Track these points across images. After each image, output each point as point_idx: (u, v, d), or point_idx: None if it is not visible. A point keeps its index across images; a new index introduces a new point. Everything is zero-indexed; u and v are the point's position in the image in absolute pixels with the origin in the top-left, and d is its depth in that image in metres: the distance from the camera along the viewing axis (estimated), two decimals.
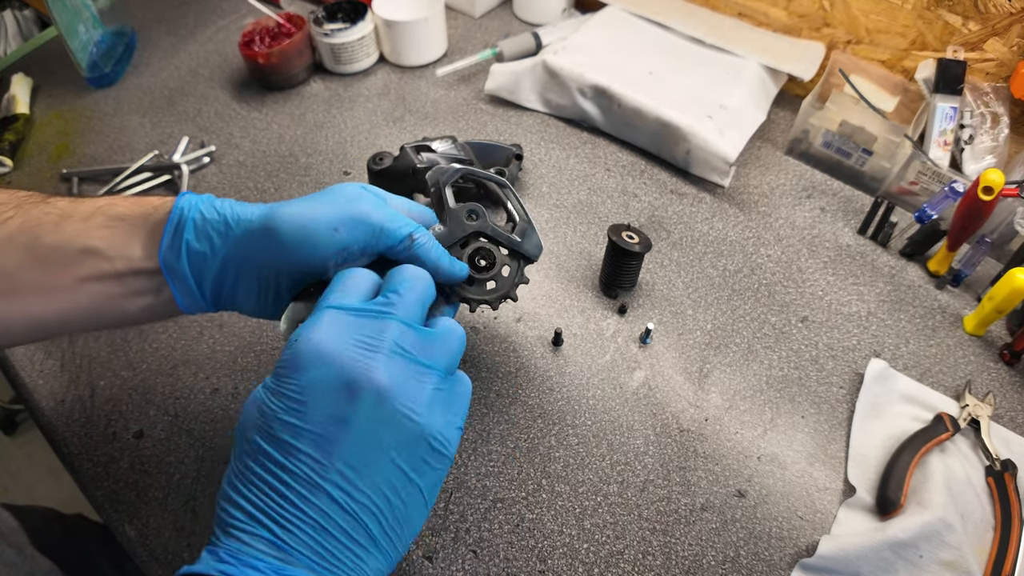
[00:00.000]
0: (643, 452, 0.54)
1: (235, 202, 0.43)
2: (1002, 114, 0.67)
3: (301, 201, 0.42)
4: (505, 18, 0.96)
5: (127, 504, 0.51)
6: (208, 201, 0.42)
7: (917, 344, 0.60)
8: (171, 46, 0.94)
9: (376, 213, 0.42)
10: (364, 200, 0.42)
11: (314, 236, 0.40)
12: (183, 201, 0.42)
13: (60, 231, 0.40)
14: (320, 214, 0.41)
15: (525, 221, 0.50)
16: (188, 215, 0.41)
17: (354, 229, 0.41)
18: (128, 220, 0.41)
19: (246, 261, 0.41)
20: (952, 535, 0.47)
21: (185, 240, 0.41)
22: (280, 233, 0.40)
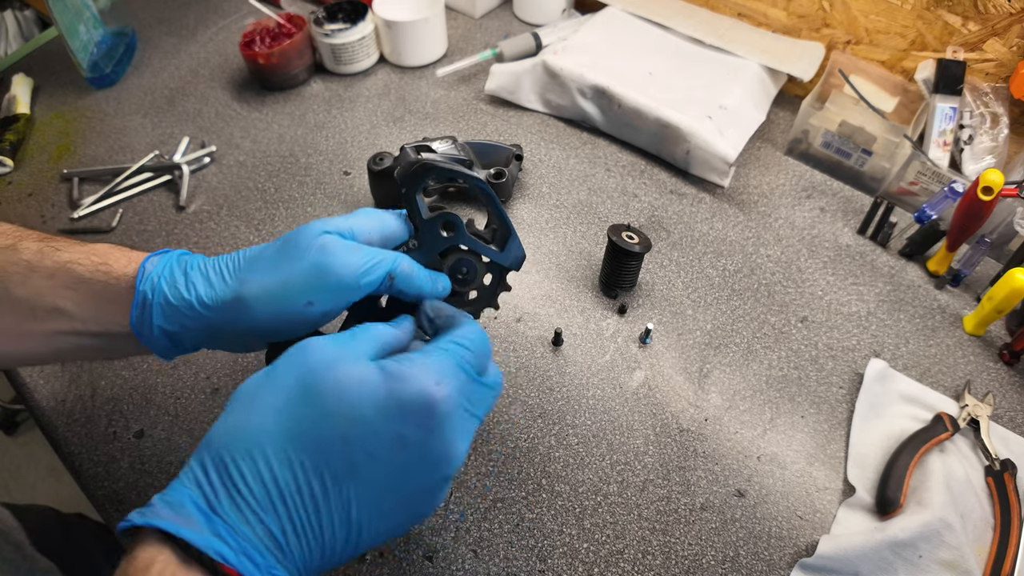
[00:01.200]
0: (643, 452, 0.54)
1: (201, 275, 0.40)
2: (1002, 114, 0.67)
3: (266, 269, 0.39)
4: (505, 18, 0.96)
5: (128, 504, 0.51)
6: (171, 280, 0.40)
7: (917, 344, 0.60)
8: (172, 46, 0.94)
9: (346, 267, 0.39)
10: (330, 253, 0.39)
11: (289, 316, 0.39)
12: (145, 280, 0.40)
13: (27, 285, 0.39)
14: (290, 289, 0.38)
15: (505, 228, 0.47)
16: (153, 299, 0.39)
17: (327, 294, 0.39)
18: (91, 285, 0.40)
19: (222, 334, 0.41)
20: (952, 535, 0.47)
21: (154, 323, 0.40)
22: (254, 318, 0.39)
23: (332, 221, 0.42)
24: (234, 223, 0.71)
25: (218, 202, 0.73)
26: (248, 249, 0.42)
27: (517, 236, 0.47)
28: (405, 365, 0.33)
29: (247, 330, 0.40)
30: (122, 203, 0.73)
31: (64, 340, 0.41)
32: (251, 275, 0.39)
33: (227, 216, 0.72)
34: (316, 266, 0.39)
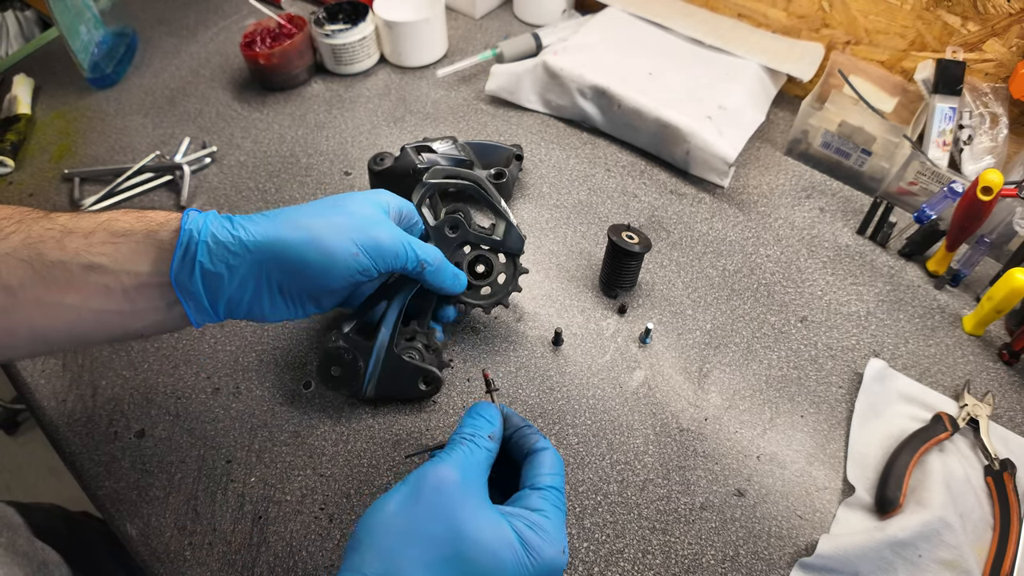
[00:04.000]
0: (643, 451, 0.54)
1: (247, 220, 0.43)
2: (1001, 114, 0.67)
3: (317, 217, 0.44)
4: (505, 19, 0.96)
5: (128, 503, 0.52)
6: (219, 222, 0.42)
7: (916, 344, 0.60)
8: (172, 47, 0.94)
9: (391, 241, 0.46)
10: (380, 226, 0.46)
11: (336, 260, 0.43)
12: (191, 221, 0.41)
13: (63, 247, 0.39)
14: (341, 238, 0.43)
15: (503, 218, 0.55)
16: (199, 237, 0.41)
17: (373, 254, 0.45)
18: (132, 236, 0.40)
19: (265, 281, 0.42)
20: (951, 534, 0.47)
21: (198, 262, 0.40)
22: (303, 257, 0.42)
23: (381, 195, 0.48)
24: None
25: (219, 202, 0.73)
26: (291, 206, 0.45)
27: (514, 224, 0.54)
28: (540, 535, 0.37)
29: (294, 278, 0.43)
30: (123, 203, 0.73)
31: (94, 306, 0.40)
32: (301, 219, 0.43)
33: None
34: (365, 224, 0.45)
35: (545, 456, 0.42)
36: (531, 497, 0.40)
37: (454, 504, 0.37)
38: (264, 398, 0.57)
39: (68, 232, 0.40)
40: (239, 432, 0.55)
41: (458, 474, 0.38)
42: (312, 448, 0.54)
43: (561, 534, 0.39)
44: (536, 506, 0.39)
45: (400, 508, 0.37)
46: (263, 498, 0.52)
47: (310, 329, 0.62)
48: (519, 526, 0.37)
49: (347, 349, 0.53)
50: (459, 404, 0.57)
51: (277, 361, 0.59)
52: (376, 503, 0.38)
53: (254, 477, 0.53)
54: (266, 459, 0.54)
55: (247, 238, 0.41)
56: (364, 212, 0.46)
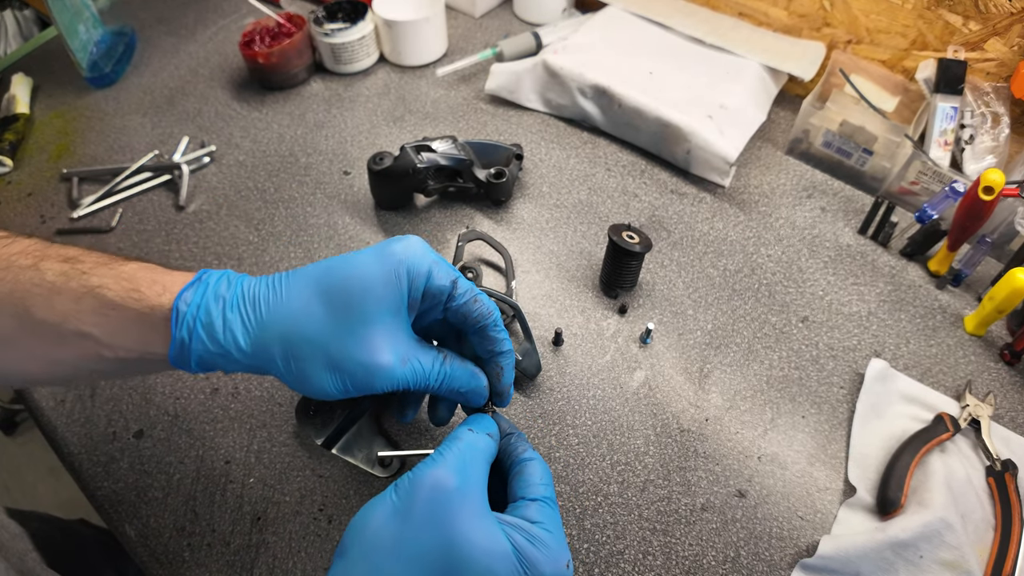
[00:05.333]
0: (643, 452, 0.54)
1: (241, 317, 0.38)
2: (1003, 114, 0.67)
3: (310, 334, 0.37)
4: (505, 18, 0.96)
5: (127, 504, 0.51)
6: (208, 324, 0.37)
7: (917, 344, 0.60)
8: (171, 46, 0.94)
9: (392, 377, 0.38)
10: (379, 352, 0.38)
11: (325, 394, 0.38)
12: (181, 326, 0.37)
13: (51, 308, 0.37)
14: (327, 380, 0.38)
15: (528, 342, 0.57)
16: (191, 344, 0.37)
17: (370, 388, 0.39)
18: (122, 312, 0.38)
19: (268, 372, 0.40)
20: (952, 535, 0.47)
21: (195, 356, 0.38)
22: (292, 386, 0.39)
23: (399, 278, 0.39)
24: (234, 223, 0.71)
25: (218, 202, 0.73)
26: (286, 282, 0.39)
27: (537, 351, 0.57)
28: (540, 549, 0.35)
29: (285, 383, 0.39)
30: (122, 203, 0.73)
31: (89, 364, 0.39)
32: (291, 337, 0.37)
33: (227, 216, 0.72)
34: (364, 367, 0.37)
35: (535, 465, 0.40)
36: (528, 508, 0.38)
37: (449, 515, 0.34)
38: (263, 399, 0.57)
39: (57, 292, 0.37)
40: (238, 433, 0.55)
41: (455, 479, 0.35)
42: (311, 449, 0.54)
43: (563, 547, 0.37)
44: (534, 517, 0.37)
45: (390, 518, 0.34)
46: (262, 499, 0.51)
47: None
48: (518, 540, 0.35)
49: None
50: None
51: None
52: (365, 508, 0.35)
53: (253, 478, 0.52)
54: (265, 460, 0.53)
55: (235, 351, 0.38)
56: (366, 337, 0.38)
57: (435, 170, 0.67)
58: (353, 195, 0.73)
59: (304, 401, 0.54)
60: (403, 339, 0.39)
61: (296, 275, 0.39)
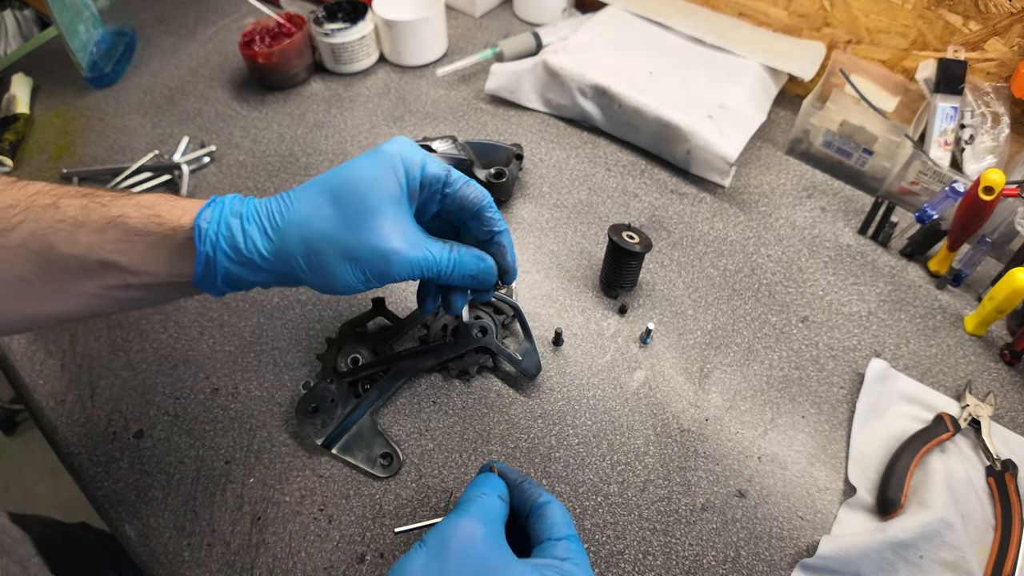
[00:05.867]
0: (643, 452, 0.53)
1: (258, 228, 0.40)
2: (1003, 114, 0.67)
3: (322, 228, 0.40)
4: (505, 18, 0.96)
5: (127, 504, 0.51)
6: (230, 237, 0.39)
7: (918, 344, 0.60)
8: (171, 46, 0.94)
9: (402, 269, 0.41)
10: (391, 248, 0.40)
11: (345, 287, 0.41)
12: (204, 241, 0.39)
13: (75, 242, 0.38)
14: (347, 271, 0.40)
15: (528, 342, 0.57)
16: (215, 257, 0.39)
17: (383, 280, 0.42)
18: (145, 237, 0.39)
19: (290, 280, 0.42)
20: (952, 535, 0.47)
21: (220, 270, 0.40)
22: (311, 284, 0.41)
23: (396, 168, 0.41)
24: None
25: None
26: (294, 193, 0.41)
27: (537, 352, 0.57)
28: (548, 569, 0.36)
29: (307, 284, 0.42)
30: None
31: (113, 294, 0.40)
32: (309, 232, 0.40)
33: None
34: (379, 253, 0.40)
35: (554, 508, 0.41)
36: (556, 547, 0.39)
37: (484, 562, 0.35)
38: (263, 399, 0.57)
39: (79, 225, 0.38)
40: (238, 433, 0.55)
41: (483, 528, 0.37)
42: (311, 449, 0.54)
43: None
44: (562, 555, 0.38)
45: (426, 569, 0.35)
46: (262, 499, 0.51)
47: (310, 330, 0.61)
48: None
49: (334, 394, 0.54)
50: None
51: (276, 362, 0.59)
52: (398, 564, 0.36)
53: (253, 478, 0.52)
54: (265, 460, 0.53)
55: (259, 258, 0.40)
56: (375, 226, 0.40)
57: None
58: None
59: (304, 400, 0.54)
60: (410, 227, 0.42)
61: (302, 187, 0.42)
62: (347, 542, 0.49)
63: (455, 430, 0.55)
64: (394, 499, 0.51)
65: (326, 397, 0.54)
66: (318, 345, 0.60)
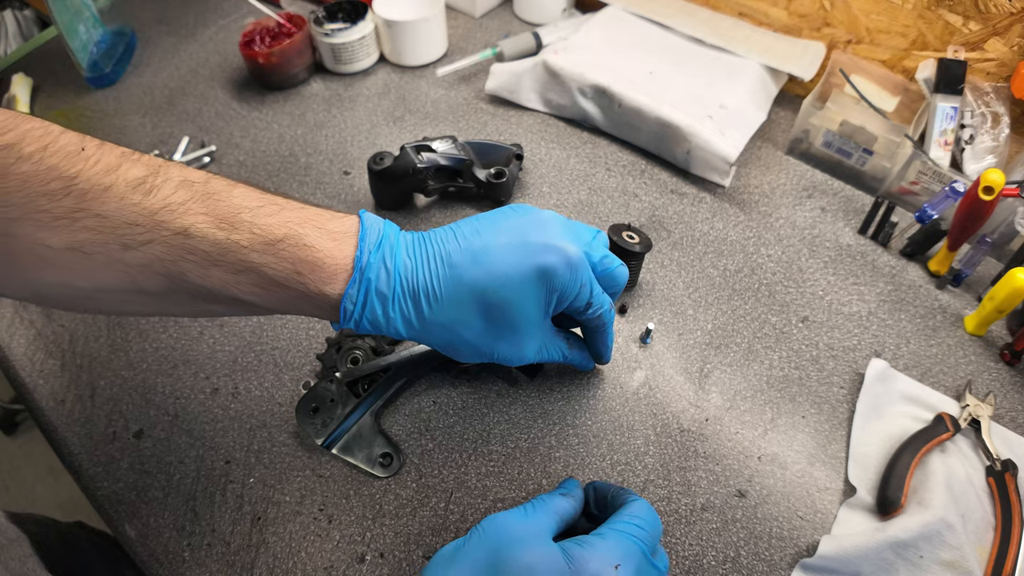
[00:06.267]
0: (643, 452, 0.53)
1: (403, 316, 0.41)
2: (1003, 114, 0.67)
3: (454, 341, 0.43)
4: (505, 18, 0.96)
5: (127, 504, 0.51)
6: (375, 318, 0.40)
7: (918, 344, 0.60)
8: (171, 46, 0.94)
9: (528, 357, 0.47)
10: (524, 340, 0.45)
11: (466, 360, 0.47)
12: (353, 311, 0.39)
13: (207, 277, 0.36)
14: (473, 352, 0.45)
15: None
16: (359, 329, 0.41)
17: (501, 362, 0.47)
18: (286, 290, 0.38)
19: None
20: (953, 535, 0.47)
21: (365, 327, 0.41)
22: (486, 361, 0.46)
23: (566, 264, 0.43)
24: None
25: None
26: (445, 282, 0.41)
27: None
28: (587, 549, 0.36)
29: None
30: None
31: (243, 311, 0.41)
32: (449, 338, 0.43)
33: None
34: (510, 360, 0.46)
35: (633, 505, 0.41)
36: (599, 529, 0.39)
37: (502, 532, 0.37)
38: (263, 399, 0.57)
39: (213, 263, 0.36)
40: (238, 433, 0.55)
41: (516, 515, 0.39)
42: (311, 448, 0.54)
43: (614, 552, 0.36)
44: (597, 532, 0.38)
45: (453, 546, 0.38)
46: (262, 499, 0.51)
47: (309, 330, 0.61)
48: (568, 544, 0.36)
49: (334, 394, 0.54)
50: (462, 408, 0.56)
51: (276, 362, 0.59)
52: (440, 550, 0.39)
53: (253, 478, 0.52)
54: (265, 460, 0.53)
55: (395, 334, 0.42)
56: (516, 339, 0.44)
57: (435, 170, 0.67)
58: (353, 195, 0.73)
59: (304, 400, 0.54)
60: (543, 336, 0.47)
61: (454, 277, 0.41)
62: (347, 542, 0.49)
63: (455, 430, 0.55)
64: (394, 499, 0.51)
65: (326, 397, 0.54)
66: (318, 345, 0.60)
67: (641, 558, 0.37)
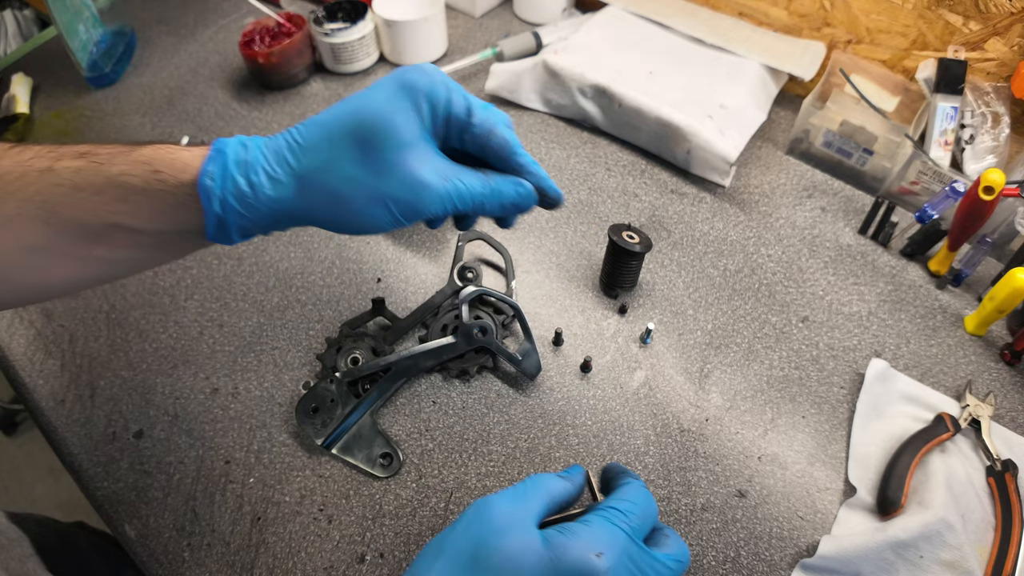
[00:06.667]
0: (643, 452, 0.53)
1: (268, 177, 0.38)
2: (1003, 114, 0.67)
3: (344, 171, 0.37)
4: (505, 18, 0.96)
5: (127, 504, 0.51)
6: (238, 193, 0.37)
7: (918, 344, 0.60)
8: (171, 46, 0.94)
9: (433, 204, 0.38)
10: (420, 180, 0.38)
11: (371, 227, 0.39)
12: (213, 202, 0.37)
13: (77, 206, 0.37)
14: (373, 210, 0.38)
15: (528, 342, 0.57)
16: (226, 217, 0.37)
17: (412, 218, 0.39)
18: (148, 196, 0.37)
19: (310, 222, 0.40)
20: (953, 535, 0.47)
21: (233, 226, 0.38)
22: (333, 227, 0.39)
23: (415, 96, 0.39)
24: None
25: None
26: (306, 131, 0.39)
27: (536, 351, 0.57)
28: (569, 537, 0.35)
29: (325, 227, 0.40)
30: None
31: (125, 255, 0.39)
32: (328, 177, 0.38)
33: None
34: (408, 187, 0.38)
35: (624, 488, 0.40)
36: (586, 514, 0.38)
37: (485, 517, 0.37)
38: (263, 399, 0.57)
39: (78, 189, 0.36)
40: (238, 433, 0.55)
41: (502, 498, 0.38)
42: (311, 449, 0.54)
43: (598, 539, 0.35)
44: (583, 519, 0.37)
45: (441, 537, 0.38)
46: (262, 499, 0.51)
47: (309, 330, 0.61)
48: (550, 533, 0.36)
49: (334, 394, 0.54)
50: (462, 410, 0.56)
51: (276, 362, 0.59)
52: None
53: (252, 478, 0.52)
54: (265, 460, 0.53)
55: (275, 210, 0.38)
56: (403, 162, 0.38)
57: None
58: None
59: (304, 400, 0.54)
60: (439, 161, 0.40)
61: (313, 123, 0.39)
62: (347, 542, 0.49)
63: (455, 430, 0.55)
64: (394, 499, 0.51)
65: (326, 397, 0.54)
66: (318, 345, 0.60)
67: (627, 543, 0.36)
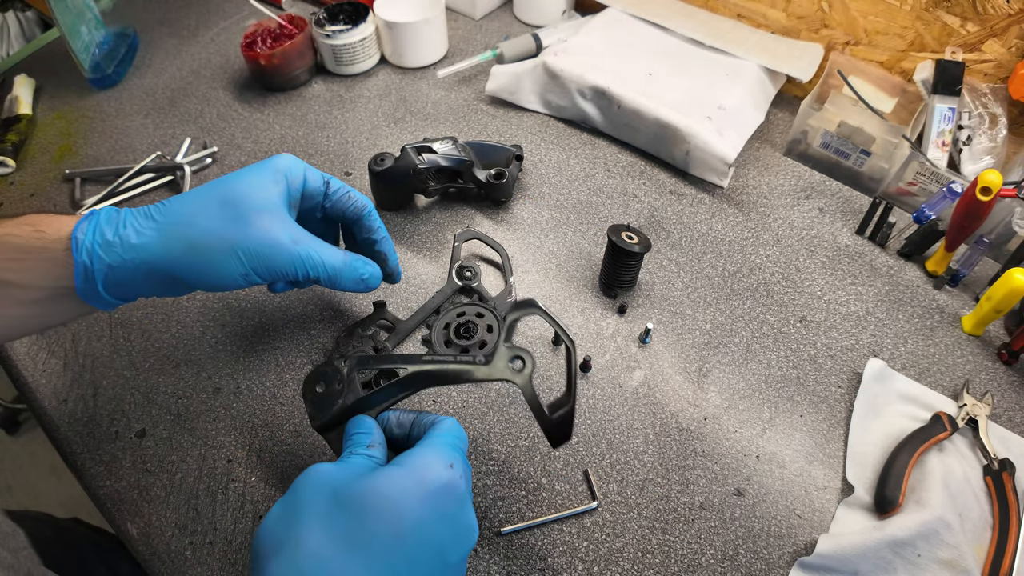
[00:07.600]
0: (642, 451, 0.54)
1: (135, 225, 0.42)
2: (1000, 115, 0.67)
3: (203, 222, 0.42)
4: (505, 20, 0.97)
5: (129, 503, 0.52)
6: (104, 243, 0.41)
7: (915, 344, 0.61)
8: (173, 47, 0.94)
9: (284, 261, 0.44)
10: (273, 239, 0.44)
11: (225, 280, 0.43)
12: (81, 251, 0.41)
13: None
14: (227, 259, 0.42)
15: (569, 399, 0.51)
16: (93, 266, 0.41)
17: (263, 273, 0.44)
18: (30, 253, 0.41)
19: (169, 282, 0.43)
20: (950, 534, 0.47)
21: (100, 276, 0.41)
22: (190, 277, 0.43)
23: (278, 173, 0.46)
24: None
25: None
26: (179, 197, 0.44)
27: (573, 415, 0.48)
28: (419, 458, 0.37)
29: (185, 284, 0.43)
30: (124, 203, 0.74)
31: (11, 311, 0.42)
32: (187, 228, 0.42)
33: None
34: (261, 234, 0.43)
35: (446, 422, 0.42)
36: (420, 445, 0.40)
37: (328, 477, 0.37)
38: (265, 398, 0.57)
39: None
40: (240, 432, 0.55)
41: (332, 464, 0.39)
42: (313, 448, 0.54)
43: (444, 456, 0.38)
44: (420, 445, 0.39)
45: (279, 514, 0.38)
46: (264, 497, 0.52)
47: (311, 330, 0.62)
48: (401, 459, 0.38)
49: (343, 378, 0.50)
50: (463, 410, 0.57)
51: (278, 361, 0.60)
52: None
53: (255, 476, 0.53)
54: (267, 459, 0.54)
55: (138, 258, 0.42)
56: (259, 221, 0.43)
57: (436, 171, 0.68)
58: None
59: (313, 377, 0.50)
60: (293, 227, 0.45)
61: (181, 195, 0.45)
62: None
63: None
64: None
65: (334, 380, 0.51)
66: (319, 345, 0.60)
67: (464, 459, 0.40)
